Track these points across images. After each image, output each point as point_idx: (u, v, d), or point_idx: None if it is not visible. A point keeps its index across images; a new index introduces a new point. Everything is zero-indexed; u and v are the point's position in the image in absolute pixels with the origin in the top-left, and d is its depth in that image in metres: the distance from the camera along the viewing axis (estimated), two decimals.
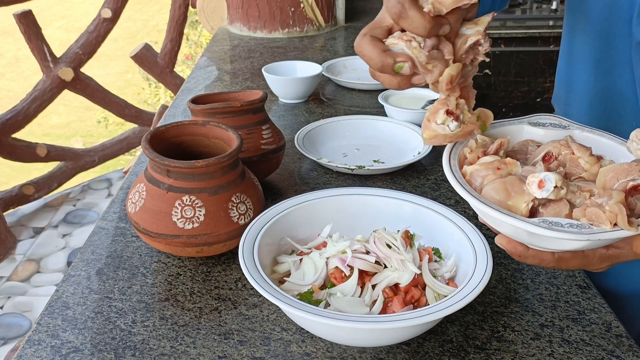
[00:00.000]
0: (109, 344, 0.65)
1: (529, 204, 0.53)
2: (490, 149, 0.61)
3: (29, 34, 2.82)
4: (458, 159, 0.60)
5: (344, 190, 0.78)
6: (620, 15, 0.78)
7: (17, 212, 3.13)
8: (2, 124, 2.82)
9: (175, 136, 0.81)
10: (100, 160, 3.36)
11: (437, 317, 0.56)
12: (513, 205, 0.54)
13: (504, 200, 0.54)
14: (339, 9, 2.16)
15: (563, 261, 0.56)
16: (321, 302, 0.63)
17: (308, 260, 0.68)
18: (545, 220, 0.51)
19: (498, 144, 0.61)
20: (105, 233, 0.86)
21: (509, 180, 0.55)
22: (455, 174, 0.57)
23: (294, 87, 1.36)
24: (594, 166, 0.58)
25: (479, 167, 0.57)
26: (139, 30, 7.22)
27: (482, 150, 0.60)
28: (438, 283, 0.65)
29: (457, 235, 0.70)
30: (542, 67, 2.40)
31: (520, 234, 0.55)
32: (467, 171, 0.58)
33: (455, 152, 0.61)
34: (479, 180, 0.57)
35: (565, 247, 0.54)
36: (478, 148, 0.61)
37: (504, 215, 0.52)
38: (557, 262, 0.56)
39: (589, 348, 0.64)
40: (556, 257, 0.55)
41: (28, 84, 3.60)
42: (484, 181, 0.56)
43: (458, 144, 0.62)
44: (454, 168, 0.58)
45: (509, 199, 0.54)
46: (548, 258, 0.56)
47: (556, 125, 0.65)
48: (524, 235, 0.54)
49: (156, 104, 4.76)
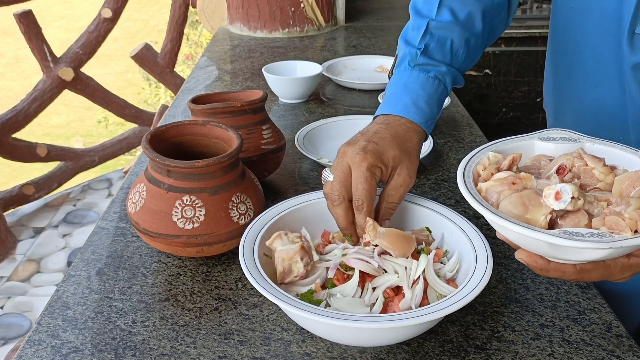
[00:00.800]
0: (109, 344, 0.65)
1: (547, 216, 0.54)
2: (503, 165, 0.61)
3: (29, 33, 2.82)
4: (472, 177, 0.60)
5: None
6: (610, 32, 0.78)
7: (17, 212, 3.13)
8: (2, 123, 2.82)
9: (176, 136, 0.81)
10: (101, 160, 3.36)
11: (437, 317, 0.56)
12: (531, 219, 0.54)
13: (522, 214, 0.54)
14: (339, 8, 2.16)
15: (585, 272, 0.55)
16: (322, 302, 0.63)
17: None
18: (566, 231, 0.51)
19: (511, 159, 0.61)
20: (105, 233, 0.86)
21: (525, 194, 0.55)
22: (471, 191, 0.57)
23: (294, 87, 1.36)
24: (608, 176, 0.58)
25: (494, 183, 0.58)
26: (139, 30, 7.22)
27: (496, 166, 0.61)
28: (440, 282, 0.65)
29: (457, 235, 0.70)
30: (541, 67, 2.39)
31: (540, 247, 0.54)
32: (483, 188, 0.58)
33: (468, 170, 0.61)
34: (495, 197, 0.57)
35: (587, 257, 0.54)
36: (491, 165, 0.61)
37: (524, 229, 0.52)
38: (579, 273, 0.55)
39: (589, 348, 0.64)
40: (578, 268, 0.55)
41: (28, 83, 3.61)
42: (500, 197, 0.56)
43: (470, 162, 0.62)
44: (469, 185, 0.58)
45: (527, 212, 0.54)
46: (570, 270, 0.55)
47: (566, 139, 0.65)
48: (545, 247, 0.54)
49: (156, 104, 4.76)
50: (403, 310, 0.61)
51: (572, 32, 0.86)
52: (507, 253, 0.80)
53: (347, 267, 0.66)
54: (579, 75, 0.87)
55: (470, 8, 0.82)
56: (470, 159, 0.63)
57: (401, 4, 2.55)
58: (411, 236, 0.69)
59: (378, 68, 1.63)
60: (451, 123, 1.26)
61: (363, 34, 2.07)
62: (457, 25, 0.81)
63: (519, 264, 0.78)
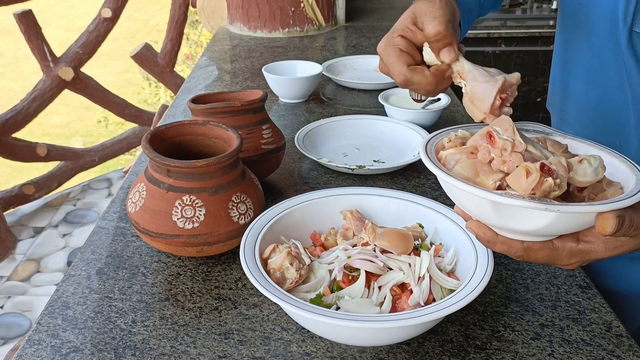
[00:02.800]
0: (109, 343, 0.65)
1: (496, 182, 0.54)
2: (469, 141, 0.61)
3: (29, 33, 2.83)
4: (436, 147, 0.61)
5: (344, 190, 0.78)
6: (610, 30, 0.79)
7: (17, 212, 3.13)
8: (2, 123, 2.82)
9: (176, 136, 0.81)
10: (100, 160, 3.37)
11: (438, 317, 0.56)
12: (480, 182, 0.55)
13: (472, 177, 0.55)
14: (339, 8, 2.16)
15: (532, 251, 0.56)
16: (332, 306, 0.63)
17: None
18: (508, 192, 0.52)
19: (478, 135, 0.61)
20: (105, 233, 0.86)
21: (479, 161, 0.56)
22: (430, 155, 0.58)
23: (294, 87, 1.36)
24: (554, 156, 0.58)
25: (453, 152, 0.59)
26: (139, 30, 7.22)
27: (461, 141, 0.61)
28: (443, 277, 0.65)
29: (457, 234, 0.70)
30: (542, 67, 2.40)
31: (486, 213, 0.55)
32: (443, 155, 0.59)
33: (433, 141, 0.62)
34: (452, 163, 0.58)
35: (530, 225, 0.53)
36: (457, 139, 0.62)
37: (468, 186, 0.52)
38: (526, 251, 0.56)
39: (589, 348, 0.64)
40: (525, 246, 0.55)
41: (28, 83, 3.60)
42: (457, 164, 0.57)
43: (438, 135, 0.63)
44: (429, 151, 0.59)
45: (477, 177, 0.55)
46: (517, 246, 0.56)
47: (539, 132, 0.66)
48: (490, 212, 0.54)
49: (156, 104, 4.76)
50: (413, 306, 0.62)
51: (576, 29, 0.86)
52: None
53: (351, 268, 0.66)
54: (582, 73, 0.87)
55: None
56: (439, 133, 0.64)
57: (401, 4, 2.55)
58: (408, 233, 0.69)
59: (378, 68, 1.63)
60: (451, 123, 1.26)
61: (363, 33, 2.07)
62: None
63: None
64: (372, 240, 0.67)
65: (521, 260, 0.57)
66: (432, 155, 0.59)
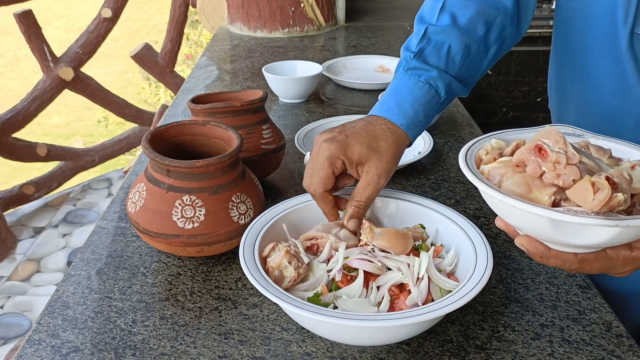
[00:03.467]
0: (109, 343, 0.65)
1: (551, 196, 0.52)
2: (506, 151, 0.59)
3: (29, 33, 2.82)
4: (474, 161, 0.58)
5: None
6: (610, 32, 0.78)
7: (17, 212, 3.13)
8: (2, 123, 2.82)
9: (176, 136, 0.81)
10: (101, 159, 3.36)
11: (438, 316, 0.56)
12: (535, 198, 0.52)
13: (525, 193, 0.52)
14: (339, 8, 2.16)
15: (586, 263, 0.54)
16: (330, 305, 0.63)
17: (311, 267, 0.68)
18: (570, 209, 0.50)
19: (514, 145, 0.59)
20: (105, 233, 0.86)
21: (529, 175, 0.53)
22: (473, 170, 0.55)
23: (294, 87, 1.36)
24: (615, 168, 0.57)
25: (497, 165, 0.56)
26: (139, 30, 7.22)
27: (498, 152, 0.59)
28: (442, 278, 0.65)
29: (457, 234, 0.70)
30: (542, 66, 2.40)
31: (541, 230, 0.52)
32: (485, 170, 0.57)
33: (471, 154, 0.59)
34: (498, 178, 0.55)
35: (590, 239, 0.51)
36: (494, 150, 0.60)
37: (526, 204, 0.50)
38: (580, 263, 0.54)
39: (589, 348, 0.64)
40: (579, 258, 0.54)
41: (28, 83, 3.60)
42: (503, 178, 0.55)
43: (473, 147, 0.61)
44: (471, 165, 0.57)
45: (530, 192, 0.52)
46: (571, 259, 0.54)
47: (570, 134, 0.64)
48: (546, 229, 0.52)
49: (156, 104, 4.76)
50: (410, 306, 0.62)
51: (574, 32, 0.86)
52: (507, 253, 0.80)
53: (350, 268, 0.66)
54: (581, 75, 0.87)
55: (471, 12, 0.80)
56: (473, 144, 0.61)
57: (401, 4, 2.55)
58: (407, 233, 0.69)
59: (378, 68, 1.63)
60: (451, 123, 1.26)
61: (363, 33, 2.07)
62: (456, 30, 0.79)
63: (519, 263, 0.78)
64: (370, 240, 0.67)
65: (575, 272, 0.57)
66: (476, 170, 0.56)
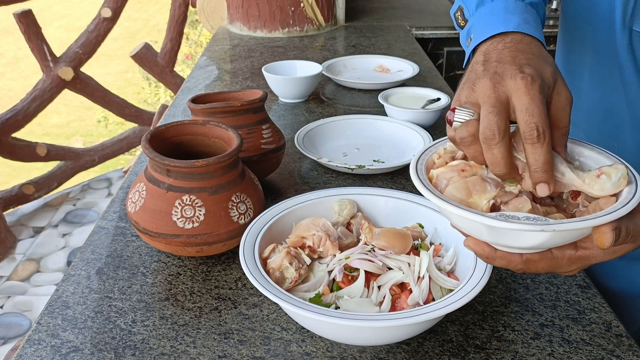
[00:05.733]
0: (109, 343, 0.65)
1: (489, 201, 0.54)
2: (458, 154, 0.61)
3: (29, 33, 2.82)
4: (426, 165, 0.60)
5: (344, 190, 0.78)
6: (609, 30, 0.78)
7: (17, 212, 3.13)
8: (2, 123, 2.82)
9: (175, 136, 0.81)
10: (100, 159, 3.37)
11: (438, 315, 0.56)
12: (474, 203, 0.54)
13: (465, 198, 0.54)
14: (339, 8, 2.16)
15: (532, 263, 0.55)
16: (331, 305, 0.63)
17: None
18: (502, 214, 0.52)
19: None
20: (105, 232, 0.86)
21: (471, 180, 0.55)
22: (420, 176, 0.57)
23: (294, 87, 1.36)
24: None
25: (444, 170, 0.58)
26: (139, 30, 7.22)
27: (451, 155, 0.61)
28: (442, 277, 0.65)
29: (457, 234, 0.69)
30: None
31: (482, 233, 0.54)
32: (434, 174, 0.58)
33: (423, 158, 0.61)
34: (445, 182, 0.57)
35: (527, 243, 0.53)
36: (446, 154, 0.61)
37: (462, 211, 0.52)
38: (526, 263, 0.55)
39: (589, 348, 0.64)
40: (524, 258, 0.54)
41: (28, 83, 3.60)
42: (449, 183, 0.56)
43: (427, 151, 0.62)
44: (420, 171, 0.59)
45: (470, 197, 0.54)
46: (516, 260, 0.55)
47: None
48: (485, 233, 0.53)
49: (156, 104, 4.76)
50: (412, 306, 0.62)
51: (576, 29, 0.86)
52: None
53: (350, 268, 0.66)
54: (583, 74, 0.87)
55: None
56: (428, 148, 0.63)
57: (401, 4, 2.55)
58: (406, 232, 0.69)
59: (378, 68, 1.63)
60: None
61: (363, 33, 2.07)
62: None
63: None
64: (369, 240, 0.67)
65: (522, 272, 0.57)
66: (423, 176, 0.58)
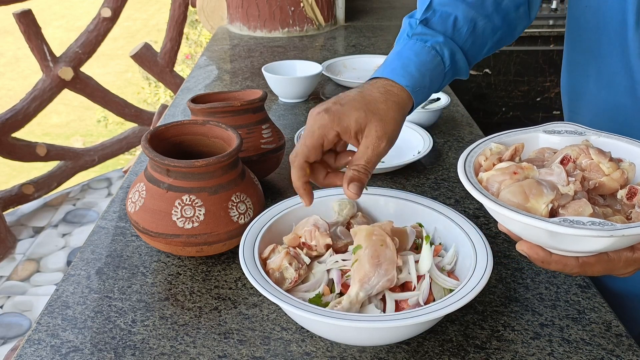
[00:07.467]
0: (109, 343, 0.65)
1: (548, 205, 0.52)
2: (505, 155, 0.60)
3: (29, 33, 2.82)
4: (473, 167, 0.59)
5: None
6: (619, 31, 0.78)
7: (17, 212, 3.13)
8: (1, 123, 2.82)
9: (175, 135, 0.81)
10: (100, 159, 3.36)
11: (438, 316, 0.56)
12: (532, 207, 0.53)
13: (522, 203, 0.53)
14: (339, 8, 2.16)
15: (588, 266, 0.54)
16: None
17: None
18: (566, 219, 0.50)
19: (513, 149, 0.60)
20: (105, 232, 0.86)
21: (526, 183, 0.54)
22: (472, 180, 0.56)
23: (293, 87, 1.36)
24: (615, 172, 0.57)
25: (495, 173, 0.57)
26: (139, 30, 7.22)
27: (498, 157, 0.60)
28: (442, 277, 0.65)
29: (457, 234, 0.70)
30: (542, 66, 2.40)
31: (541, 237, 0.53)
32: (484, 177, 0.57)
33: (470, 160, 0.60)
34: (496, 186, 0.56)
35: (588, 247, 0.52)
36: (493, 155, 0.60)
37: (524, 217, 0.50)
38: (582, 267, 0.54)
39: (588, 347, 0.64)
40: (580, 262, 0.54)
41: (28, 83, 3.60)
42: (501, 186, 0.55)
43: (472, 153, 0.61)
44: (470, 175, 0.57)
45: (527, 201, 0.53)
46: (572, 263, 0.54)
47: (572, 132, 0.64)
48: (545, 237, 0.52)
49: (156, 104, 4.76)
50: (413, 306, 0.62)
51: (586, 30, 0.85)
52: (507, 252, 0.80)
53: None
54: (593, 75, 0.86)
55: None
56: (472, 149, 0.61)
57: (401, 4, 2.55)
58: (406, 230, 0.68)
59: (377, 68, 1.63)
60: (451, 122, 1.26)
61: (363, 33, 2.07)
62: (463, 3, 0.75)
63: (519, 263, 0.78)
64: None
65: (576, 275, 0.56)
66: (474, 179, 0.56)
